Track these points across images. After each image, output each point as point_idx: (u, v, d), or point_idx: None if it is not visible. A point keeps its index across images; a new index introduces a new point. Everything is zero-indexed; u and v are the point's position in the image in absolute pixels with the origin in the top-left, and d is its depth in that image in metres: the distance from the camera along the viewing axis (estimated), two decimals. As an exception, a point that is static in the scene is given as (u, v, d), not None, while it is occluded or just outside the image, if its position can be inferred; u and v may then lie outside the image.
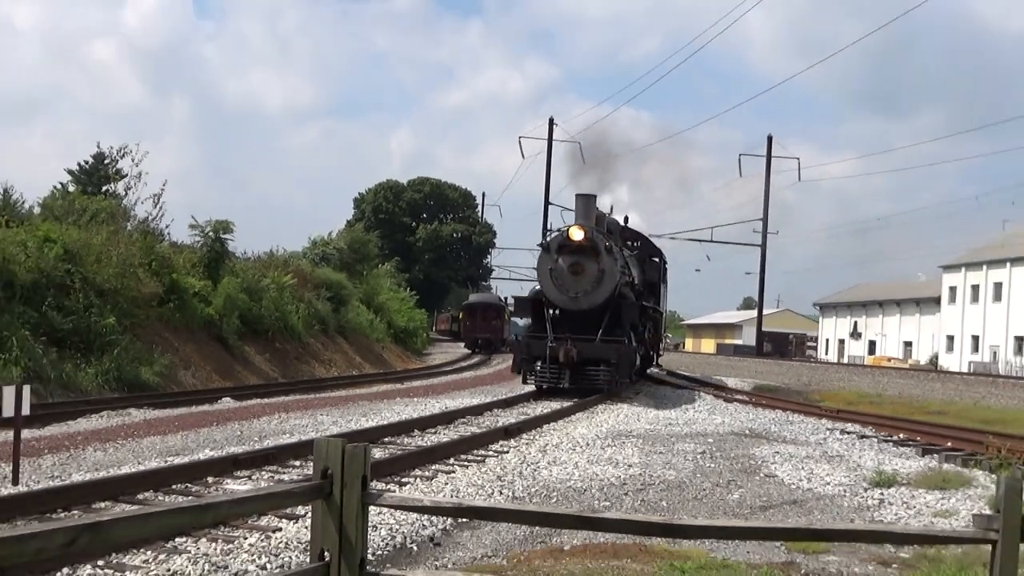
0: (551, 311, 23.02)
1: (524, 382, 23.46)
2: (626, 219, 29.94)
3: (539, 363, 22.08)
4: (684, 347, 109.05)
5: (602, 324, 22.28)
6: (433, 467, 11.48)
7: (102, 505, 8.42)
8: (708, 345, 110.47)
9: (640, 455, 13.46)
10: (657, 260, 31.15)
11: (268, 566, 6.77)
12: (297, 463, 11.20)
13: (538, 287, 23.76)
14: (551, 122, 59.24)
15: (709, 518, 8.47)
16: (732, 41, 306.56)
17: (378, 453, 11.67)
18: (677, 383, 32.88)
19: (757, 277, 62.89)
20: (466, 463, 12.12)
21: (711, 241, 60.42)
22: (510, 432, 15.10)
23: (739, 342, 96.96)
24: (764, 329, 69.32)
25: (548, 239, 23.62)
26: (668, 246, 57.44)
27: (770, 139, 62.36)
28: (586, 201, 24.16)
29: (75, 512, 8.04)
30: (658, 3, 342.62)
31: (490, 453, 13.14)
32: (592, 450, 13.78)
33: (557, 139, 58.25)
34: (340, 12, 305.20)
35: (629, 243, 28.89)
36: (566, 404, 19.75)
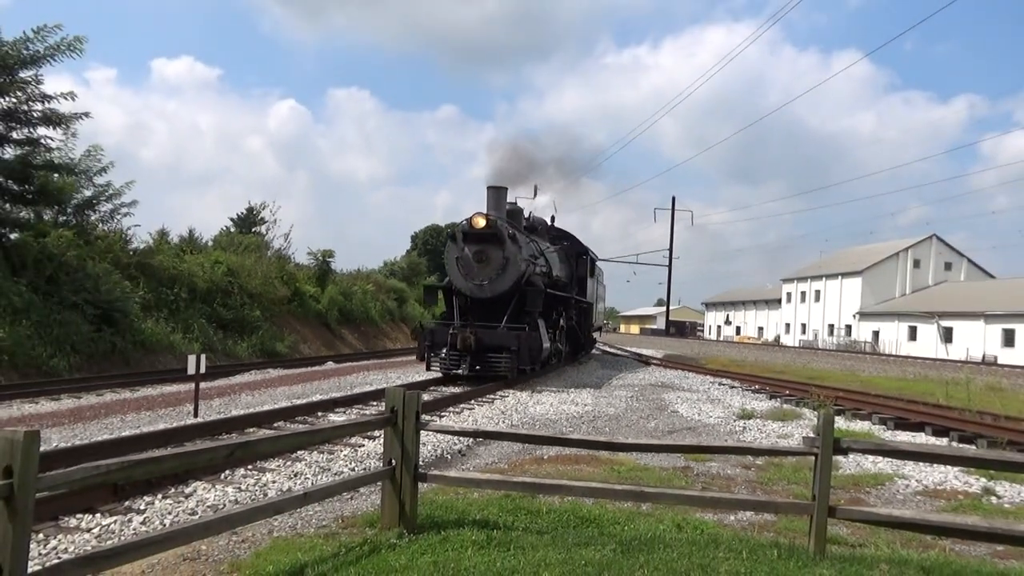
0: (460, 299, 15.56)
1: (428, 369, 15.28)
2: (552, 219, 22.37)
3: (444, 350, 14.58)
4: (619, 330, 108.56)
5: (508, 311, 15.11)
6: (461, 406, 11.46)
7: (251, 430, 8.38)
8: (635, 329, 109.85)
9: (592, 398, 13.41)
10: (587, 258, 22.36)
11: (355, 468, 6.74)
12: (375, 403, 11.18)
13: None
14: (535, 188, 59.05)
15: (636, 438, 8.46)
16: (652, 136, 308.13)
17: (426, 397, 11.63)
18: (615, 353, 32.81)
19: (666, 285, 62.79)
20: (481, 403, 12.10)
21: (637, 263, 60.48)
22: (509, 383, 14.91)
23: (654, 327, 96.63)
24: (671, 319, 69.07)
25: (454, 228, 16.04)
26: (610, 266, 57.32)
27: (673, 199, 61.46)
28: (496, 193, 16.29)
29: (233, 434, 8.03)
30: (604, 111, 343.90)
31: (496, 397, 13.09)
32: (561, 395, 13.72)
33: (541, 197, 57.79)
34: (403, 119, 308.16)
35: (557, 240, 21.15)
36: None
